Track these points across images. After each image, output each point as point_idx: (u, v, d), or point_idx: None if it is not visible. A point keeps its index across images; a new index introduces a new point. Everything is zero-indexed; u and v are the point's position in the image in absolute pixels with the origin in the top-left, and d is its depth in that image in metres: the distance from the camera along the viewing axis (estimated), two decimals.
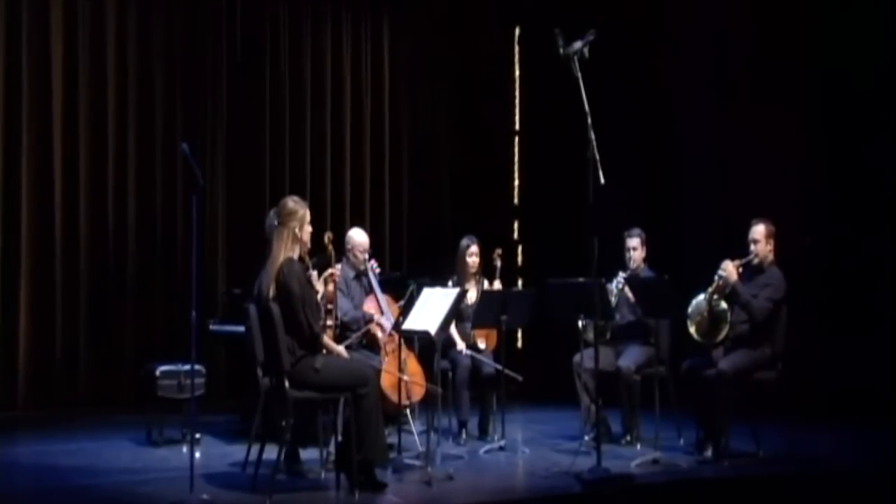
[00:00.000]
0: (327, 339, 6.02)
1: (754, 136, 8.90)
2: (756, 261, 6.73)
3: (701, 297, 6.72)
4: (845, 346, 8.25)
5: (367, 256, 7.21)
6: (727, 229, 7.48)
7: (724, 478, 6.31)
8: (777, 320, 6.66)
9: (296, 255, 5.71)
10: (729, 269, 6.63)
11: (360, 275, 7.27)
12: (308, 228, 5.80)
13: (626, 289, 7.19)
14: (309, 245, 5.86)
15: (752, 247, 6.73)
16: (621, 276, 7.31)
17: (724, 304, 6.67)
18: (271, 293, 5.59)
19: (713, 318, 6.70)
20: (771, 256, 6.75)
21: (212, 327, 7.65)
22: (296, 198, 5.87)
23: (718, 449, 6.55)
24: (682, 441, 7.07)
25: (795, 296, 6.80)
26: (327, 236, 6.69)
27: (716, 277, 6.66)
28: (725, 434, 6.53)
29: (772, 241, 6.74)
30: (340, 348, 6.15)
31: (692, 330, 6.74)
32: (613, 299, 7.20)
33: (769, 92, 8.84)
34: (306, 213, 5.76)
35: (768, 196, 8.34)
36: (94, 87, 9.03)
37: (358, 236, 7.29)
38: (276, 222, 5.76)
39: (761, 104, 8.89)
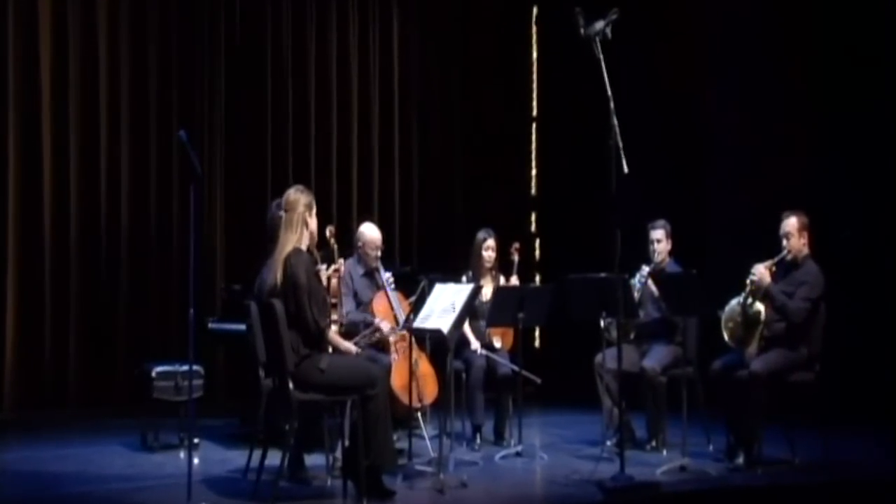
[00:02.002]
0: (334, 334, 6.00)
1: (783, 123, 8.84)
2: (790, 256, 6.67)
3: (734, 302, 6.67)
4: (887, 346, 8.18)
5: (378, 254, 7.17)
6: (757, 220, 7.43)
7: (756, 486, 6.27)
8: (814, 319, 6.61)
9: (304, 247, 5.70)
10: (760, 273, 6.57)
11: (371, 273, 7.23)
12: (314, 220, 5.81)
13: (650, 283, 7.15)
14: (316, 237, 5.86)
15: (785, 242, 6.66)
16: (645, 269, 7.27)
17: (758, 306, 6.61)
18: (278, 281, 5.58)
19: (748, 323, 6.64)
20: (805, 250, 6.68)
21: (210, 325, 7.66)
22: (300, 186, 5.90)
23: (750, 455, 6.51)
24: (711, 447, 7.02)
25: (834, 293, 6.74)
26: (329, 230, 6.69)
27: (748, 282, 6.61)
28: (758, 440, 6.49)
29: (805, 234, 6.68)
30: (349, 345, 6.14)
31: (726, 337, 6.70)
32: (637, 295, 7.17)
33: (798, 78, 8.79)
34: (312, 201, 5.78)
35: (799, 185, 8.29)
36: (85, 71, 9.02)
37: (370, 232, 7.24)
38: (280, 212, 5.75)
39: (790, 90, 8.84)
